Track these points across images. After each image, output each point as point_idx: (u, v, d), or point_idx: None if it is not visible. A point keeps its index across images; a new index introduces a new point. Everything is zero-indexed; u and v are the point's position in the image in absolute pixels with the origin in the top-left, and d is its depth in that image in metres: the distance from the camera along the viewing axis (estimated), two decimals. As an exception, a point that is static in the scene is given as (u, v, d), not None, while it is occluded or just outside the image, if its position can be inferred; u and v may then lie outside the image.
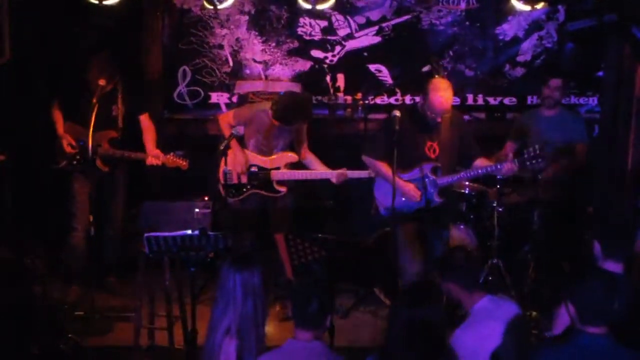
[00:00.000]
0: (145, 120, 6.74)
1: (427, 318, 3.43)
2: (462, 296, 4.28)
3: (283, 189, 6.51)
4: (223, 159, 6.21)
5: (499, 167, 5.61)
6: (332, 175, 6.39)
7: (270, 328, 5.20)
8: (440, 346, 3.45)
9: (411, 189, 5.67)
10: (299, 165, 6.57)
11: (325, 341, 4.00)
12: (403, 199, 5.69)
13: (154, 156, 6.53)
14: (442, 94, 5.62)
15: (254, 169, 6.51)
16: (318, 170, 6.51)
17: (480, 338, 4.00)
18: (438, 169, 5.71)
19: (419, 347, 3.37)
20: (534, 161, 5.47)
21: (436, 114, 5.68)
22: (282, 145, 6.54)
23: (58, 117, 6.64)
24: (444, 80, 5.81)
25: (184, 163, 6.49)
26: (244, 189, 6.51)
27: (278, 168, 6.48)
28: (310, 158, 6.59)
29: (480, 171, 5.76)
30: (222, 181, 6.45)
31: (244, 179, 6.48)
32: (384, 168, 5.74)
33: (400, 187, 5.61)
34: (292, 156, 6.53)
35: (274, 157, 6.52)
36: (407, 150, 5.59)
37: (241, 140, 6.56)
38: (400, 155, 5.53)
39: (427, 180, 5.67)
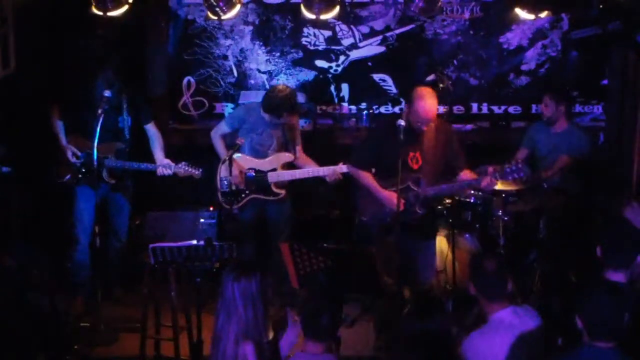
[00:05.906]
0: (152, 128, 6.69)
1: (433, 330, 3.42)
2: (484, 303, 4.23)
3: (282, 192, 6.47)
4: (220, 166, 6.27)
5: (479, 180, 5.57)
6: (329, 171, 6.31)
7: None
8: (448, 356, 3.43)
9: (391, 195, 5.53)
10: (295, 165, 6.55)
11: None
12: (387, 208, 5.62)
13: (164, 166, 6.50)
14: (427, 102, 5.55)
15: (250, 172, 6.47)
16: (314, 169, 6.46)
17: (491, 346, 3.98)
18: (420, 180, 5.63)
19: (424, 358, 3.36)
20: (515, 175, 5.41)
21: (421, 122, 5.57)
22: (277, 146, 6.50)
23: (59, 127, 6.60)
24: (428, 89, 5.74)
25: (197, 172, 6.45)
26: (243, 195, 6.47)
27: (274, 170, 6.46)
28: (305, 160, 6.58)
29: (461, 184, 5.72)
30: (219, 189, 6.44)
31: (242, 185, 6.45)
32: (367, 177, 5.73)
33: (381, 196, 5.61)
34: (288, 156, 6.48)
35: (269, 158, 6.48)
36: (389, 161, 5.49)
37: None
38: (382, 166, 5.53)
39: (409, 192, 5.57)
